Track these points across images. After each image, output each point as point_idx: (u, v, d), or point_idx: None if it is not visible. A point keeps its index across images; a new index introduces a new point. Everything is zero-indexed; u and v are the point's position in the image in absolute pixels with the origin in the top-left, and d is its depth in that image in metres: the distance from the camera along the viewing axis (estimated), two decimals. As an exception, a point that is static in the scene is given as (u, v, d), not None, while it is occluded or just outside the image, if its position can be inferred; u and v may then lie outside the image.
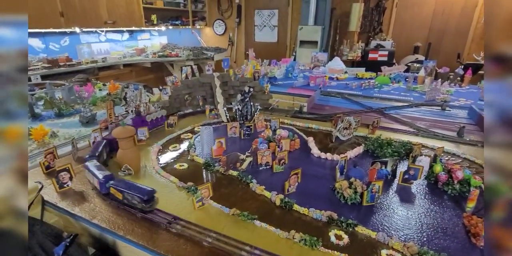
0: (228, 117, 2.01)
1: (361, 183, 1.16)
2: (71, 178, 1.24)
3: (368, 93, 2.82)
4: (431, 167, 1.32)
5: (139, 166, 1.40)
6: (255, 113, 1.94)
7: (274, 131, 1.76)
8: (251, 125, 1.80)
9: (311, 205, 1.11)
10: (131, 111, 1.77)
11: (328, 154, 1.53)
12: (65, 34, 4.53)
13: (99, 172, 1.21)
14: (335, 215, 1.03)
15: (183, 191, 1.21)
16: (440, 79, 3.05)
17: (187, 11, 6.54)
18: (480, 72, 4.04)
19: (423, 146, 1.61)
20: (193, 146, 1.61)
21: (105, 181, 1.16)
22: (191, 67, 2.22)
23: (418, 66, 3.97)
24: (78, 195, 1.19)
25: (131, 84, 2.85)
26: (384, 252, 0.89)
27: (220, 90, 2.14)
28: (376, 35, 5.76)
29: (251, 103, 1.93)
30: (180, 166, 1.43)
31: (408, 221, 1.05)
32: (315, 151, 1.57)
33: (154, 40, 6.22)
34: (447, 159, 1.51)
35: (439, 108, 2.39)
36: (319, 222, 1.04)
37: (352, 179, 1.18)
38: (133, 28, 5.31)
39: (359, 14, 5.36)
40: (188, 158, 1.51)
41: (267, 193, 1.19)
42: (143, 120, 1.80)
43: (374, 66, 3.79)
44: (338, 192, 1.17)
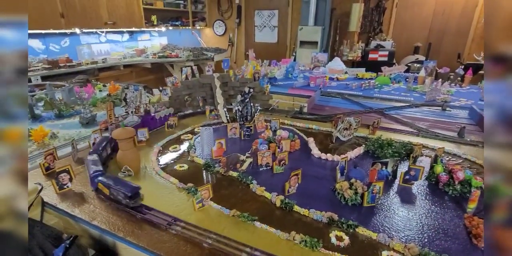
0: (228, 117, 2.01)
1: (361, 184, 1.15)
2: (71, 179, 1.23)
3: (368, 93, 2.82)
4: (431, 167, 1.32)
5: (139, 167, 1.39)
6: (255, 113, 1.94)
7: (274, 132, 1.76)
8: (251, 125, 1.80)
9: (311, 206, 1.10)
10: (131, 112, 1.77)
11: (329, 155, 1.52)
12: (65, 35, 4.54)
13: (92, 167, 1.23)
14: (335, 216, 1.03)
15: (183, 192, 1.21)
16: (440, 79, 3.05)
17: (187, 12, 6.54)
18: (480, 72, 4.03)
19: (424, 147, 1.61)
20: (193, 147, 1.61)
21: (94, 176, 1.18)
22: (191, 67, 2.22)
23: (419, 66, 3.96)
24: (78, 197, 1.19)
25: (131, 85, 2.85)
26: (385, 253, 0.89)
27: (220, 91, 2.14)
28: (376, 35, 5.76)
29: (251, 104, 1.92)
30: (180, 167, 1.42)
31: (409, 222, 1.05)
32: (316, 151, 1.57)
33: (154, 41, 6.22)
34: (447, 159, 1.51)
35: (440, 108, 2.39)
36: (319, 223, 1.04)
37: (352, 180, 1.18)
38: (133, 29, 5.31)
39: (359, 14, 5.36)
40: (188, 159, 1.51)
41: (267, 194, 1.18)
42: (152, 118, 1.85)
43: (374, 67, 3.79)
44: (339, 193, 1.17)
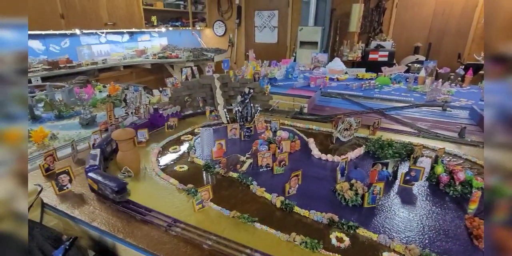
0: (228, 118, 2.00)
1: (362, 185, 1.15)
2: (70, 181, 1.23)
3: (368, 93, 2.82)
4: (432, 168, 1.31)
5: (139, 168, 1.39)
6: (255, 114, 1.93)
7: (275, 133, 1.76)
8: (251, 126, 1.80)
9: (311, 207, 1.10)
10: (131, 113, 1.77)
11: (329, 156, 1.52)
12: (65, 35, 4.54)
13: (90, 161, 1.26)
14: (336, 217, 1.03)
15: (183, 193, 1.20)
16: (440, 80, 3.05)
17: (187, 13, 6.55)
18: (480, 72, 4.03)
19: (424, 147, 1.60)
20: (193, 148, 1.61)
21: (87, 171, 1.21)
22: (191, 68, 2.22)
23: (419, 66, 3.97)
24: (78, 198, 1.19)
25: (131, 85, 2.85)
26: (385, 255, 0.89)
27: (220, 92, 2.14)
28: (376, 36, 5.76)
29: (251, 104, 1.92)
30: (180, 168, 1.42)
31: (410, 223, 1.04)
32: (316, 152, 1.57)
33: (154, 42, 6.23)
34: (448, 160, 1.51)
35: (440, 108, 2.39)
36: (320, 224, 1.03)
37: (353, 181, 1.18)
38: (133, 29, 5.32)
39: (359, 14, 5.36)
40: (188, 160, 1.50)
41: (267, 195, 1.18)
42: (160, 115, 1.90)
43: (375, 67, 3.79)
44: (339, 194, 1.16)
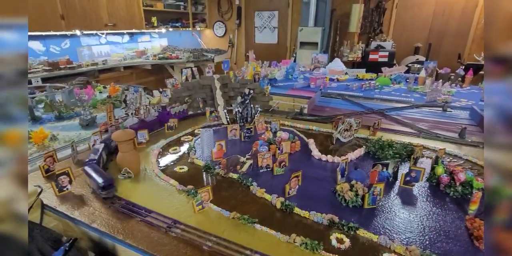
0: (228, 119, 2.00)
1: (362, 186, 1.15)
2: (70, 182, 1.23)
3: (368, 94, 2.82)
4: (432, 169, 1.31)
5: (139, 169, 1.39)
6: (256, 115, 1.93)
7: (275, 133, 1.75)
8: (251, 127, 1.80)
9: (312, 208, 1.10)
10: (131, 114, 1.77)
11: (329, 156, 1.52)
12: (65, 36, 4.55)
13: (91, 155, 1.30)
14: (336, 218, 1.03)
15: (183, 194, 1.20)
16: (441, 80, 3.04)
17: (187, 13, 6.55)
18: (481, 72, 4.02)
19: (425, 148, 1.60)
20: (193, 149, 1.61)
21: (85, 164, 1.25)
22: (191, 69, 2.22)
23: (419, 67, 3.96)
24: (78, 199, 1.19)
25: (131, 86, 2.85)
26: (386, 256, 0.89)
27: (220, 92, 2.14)
28: (377, 36, 5.76)
29: (251, 105, 1.92)
30: (180, 169, 1.42)
31: (410, 224, 1.04)
32: (316, 153, 1.57)
33: (155, 42, 6.23)
34: (448, 160, 1.50)
35: (440, 109, 2.39)
36: (320, 225, 1.03)
37: (353, 182, 1.18)
38: (133, 30, 5.32)
39: (359, 15, 5.36)
40: (188, 160, 1.50)
41: (267, 196, 1.18)
42: (168, 113, 1.96)
43: (375, 67, 3.79)
44: (339, 195, 1.16)
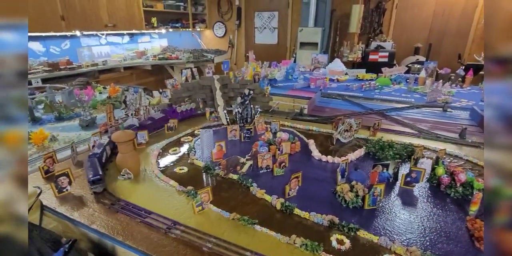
0: (228, 119, 2.00)
1: (362, 187, 1.15)
2: (70, 183, 1.23)
3: (369, 94, 2.81)
4: (433, 169, 1.31)
5: (138, 170, 1.39)
6: (255, 115, 1.93)
7: (275, 134, 1.75)
8: (251, 128, 1.79)
9: (312, 209, 1.10)
10: (131, 115, 1.77)
11: (329, 157, 1.52)
12: (65, 37, 4.55)
13: (94, 149, 1.34)
14: (336, 219, 1.02)
15: (182, 195, 1.20)
16: (441, 80, 3.04)
17: (187, 14, 6.55)
18: (481, 72, 4.02)
19: (425, 148, 1.60)
20: (193, 150, 1.61)
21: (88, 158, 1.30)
22: (191, 69, 2.22)
23: (419, 67, 3.96)
24: (77, 200, 1.18)
25: (131, 87, 2.85)
26: (386, 257, 0.88)
27: (220, 93, 2.13)
28: (376, 36, 5.76)
29: (251, 106, 1.92)
30: (180, 169, 1.42)
31: (411, 225, 1.04)
32: (316, 153, 1.56)
33: (155, 43, 6.23)
34: (449, 161, 1.50)
35: (441, 109, 2.38)
36: (320, 226, 1.03)
37: (353, 182, 1.17)
38: (133, 31, 5.32)
39: (359, 15, 5.36)
40: (188, 161, 1.50)
41: (267, 197, 1.18)
42: (173, 111, 1.99)
43: (375, 68, 3.78)
44: (340, 196, 1.16)
